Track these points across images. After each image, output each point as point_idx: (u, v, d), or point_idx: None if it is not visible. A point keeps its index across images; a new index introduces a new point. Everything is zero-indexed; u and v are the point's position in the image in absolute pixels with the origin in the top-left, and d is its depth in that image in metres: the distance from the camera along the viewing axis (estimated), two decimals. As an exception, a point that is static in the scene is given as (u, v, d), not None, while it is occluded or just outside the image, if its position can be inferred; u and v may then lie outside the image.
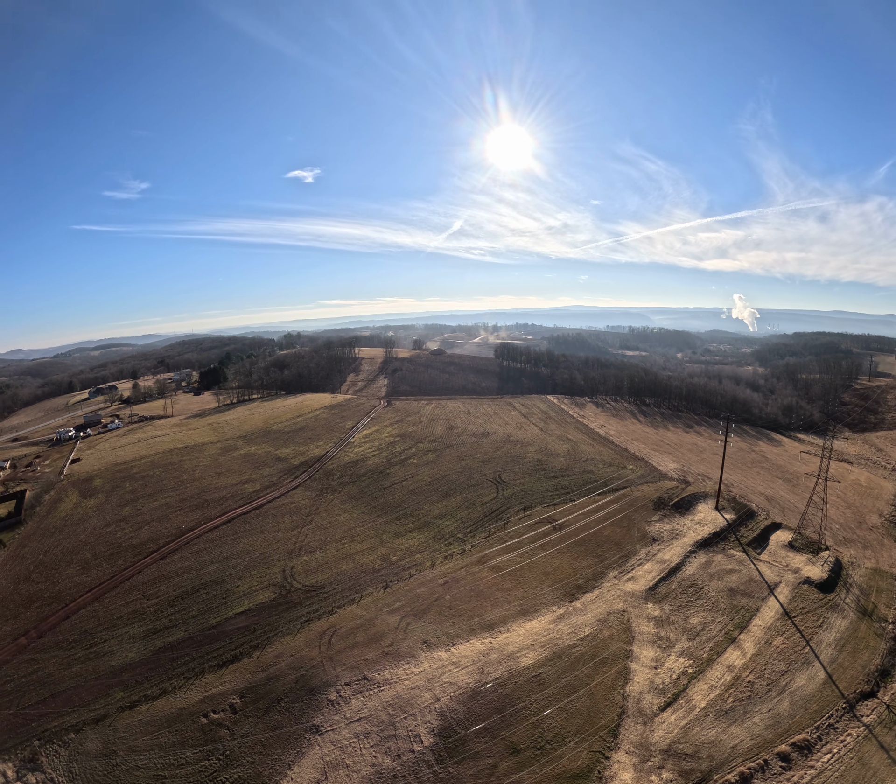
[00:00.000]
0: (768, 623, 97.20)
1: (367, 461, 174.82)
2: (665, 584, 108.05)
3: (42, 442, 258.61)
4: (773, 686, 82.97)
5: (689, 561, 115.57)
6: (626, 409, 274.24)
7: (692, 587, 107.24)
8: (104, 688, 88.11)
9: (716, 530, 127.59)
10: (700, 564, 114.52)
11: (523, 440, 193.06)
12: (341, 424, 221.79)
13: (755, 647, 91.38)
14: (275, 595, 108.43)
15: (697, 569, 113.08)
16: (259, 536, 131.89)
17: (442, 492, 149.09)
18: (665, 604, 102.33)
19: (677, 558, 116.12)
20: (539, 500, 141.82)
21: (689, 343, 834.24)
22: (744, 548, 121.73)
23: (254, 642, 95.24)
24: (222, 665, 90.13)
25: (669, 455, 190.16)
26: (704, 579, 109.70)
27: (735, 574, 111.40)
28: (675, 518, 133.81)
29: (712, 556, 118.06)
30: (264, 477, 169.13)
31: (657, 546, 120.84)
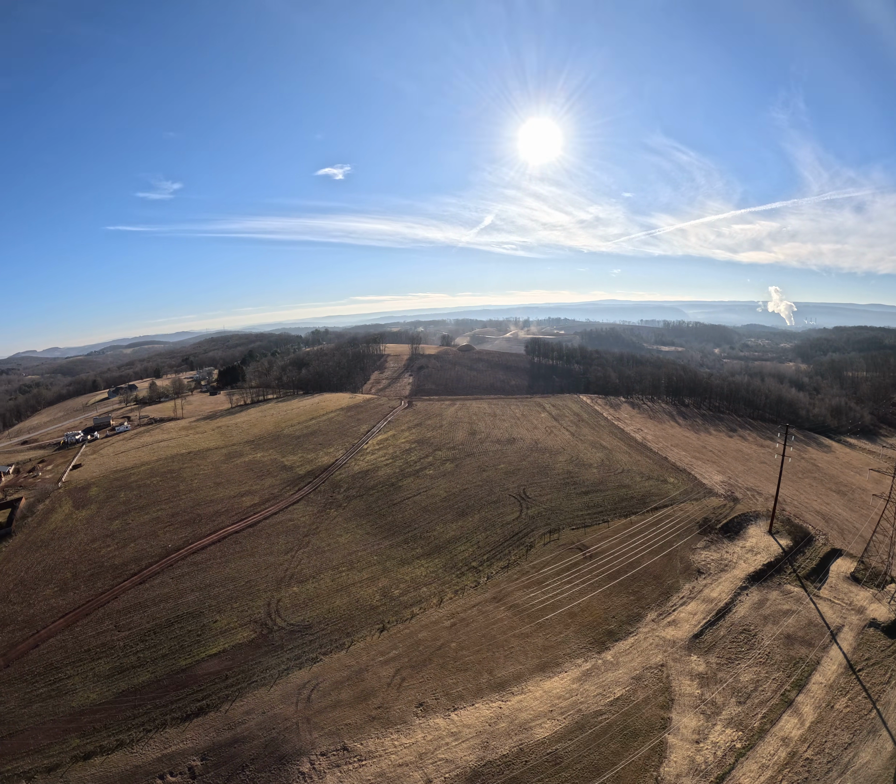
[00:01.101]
0: (830, 679, 79.80)
1: (379, 471, 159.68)
2: (712, 629, 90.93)
3: (50, 445, 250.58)
4: (835, 764, 65.77)
5: (739, 600, 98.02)
6: (664, 411, 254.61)
7: (744, 634, 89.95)
8: (61, 732, 76.76)
9: (770, 560, 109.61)
10: (753, 604, 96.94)
11: (552, 447, 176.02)
12: (356, 428, 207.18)
13: (815, 712, 74.14)
14: (255, 635, 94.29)
15: (750, 610, 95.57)
16: (248, 560, 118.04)
17: (458, 509, 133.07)
18: (712, 656, 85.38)
19: (726, 596, 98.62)
20: (567, 521, 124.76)
21: (726, 338, 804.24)
22: (802, 582, 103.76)
23: (223, 693, 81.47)
24: (186, 718, 76.95)
25: (713, 464, 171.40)
26: (758, 623, 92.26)
27: (793, 616, 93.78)
28: (723, 544, 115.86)
29: (766, 593, 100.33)
30: (265, 488, 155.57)
31: (703, 580, 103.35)
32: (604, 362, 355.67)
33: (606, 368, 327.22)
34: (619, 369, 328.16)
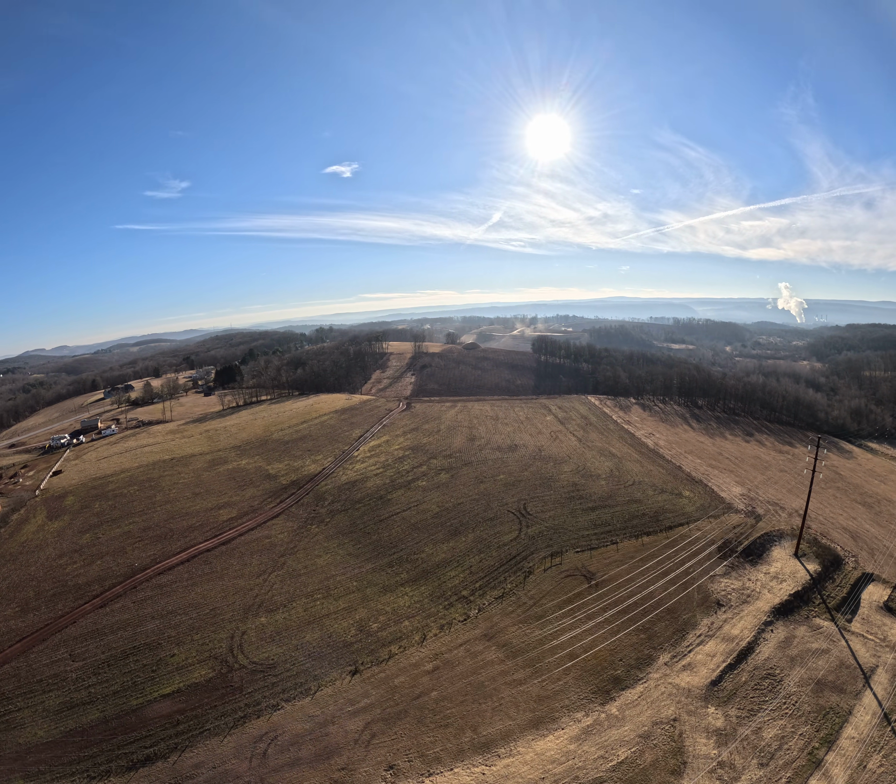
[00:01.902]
0: (863, 733, 68.12)
1: (368, 482, 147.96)
2: (732, 674, 79.15)
3: (36, 449, 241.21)
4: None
5: (763, 638, 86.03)
6: (677, 413, 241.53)
7: (768, 679, 78.13)
8: (6, 771, 69.07)
9: (797, 589, 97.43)
10: (778, 643, 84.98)
11: (557, 456, 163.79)
12: (348, 433, 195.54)
13: (846, 773, 62.62)
14: (213, 673, 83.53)
15: (775, 650, 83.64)
16: (216, 584, 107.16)
17: (450, 527, 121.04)
18: (731, 707, 73.68)
19: (749, 634, 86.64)
20: (572, 542, 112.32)
21: (738, 335, 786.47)
22: (832, 615, 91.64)
23: (173, 741, 71.51)
24: (132, 767, 67.62)
25: (731, 474, 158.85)
26: (784, 666, 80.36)
27: (822, 657, 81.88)
28: (745, 570, 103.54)
29: (793, 628, 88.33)
30: (245, 500, 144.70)
31: (723, 614, 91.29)
32: (613, 361, 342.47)
33: (616, 368, 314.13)
34: (629, 369, 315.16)
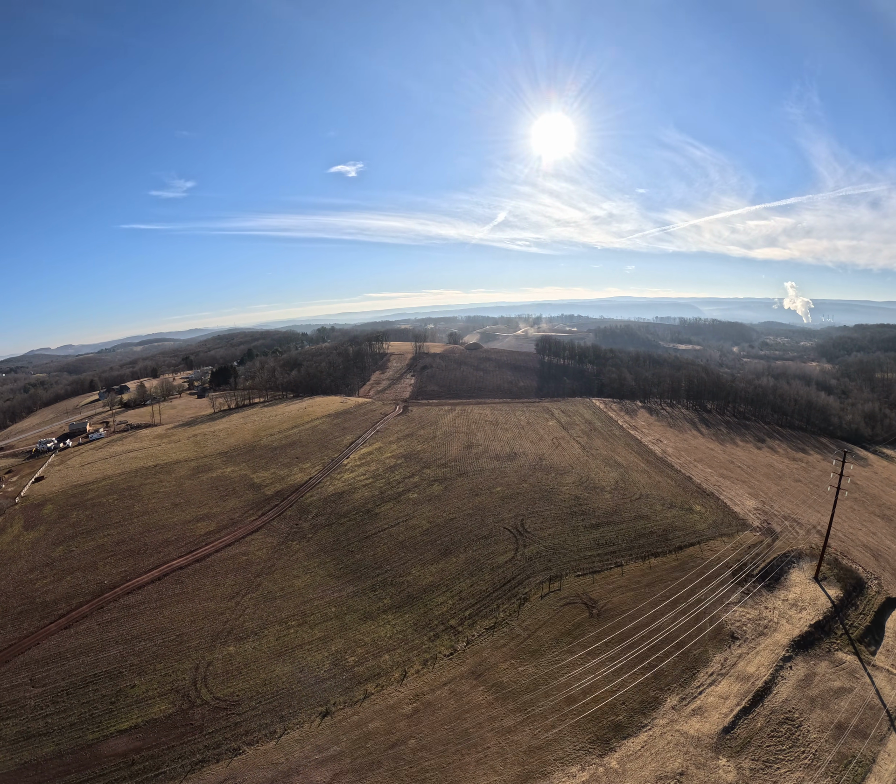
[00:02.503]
0: None
1: (355, 494, 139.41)
2: (747, 719, 70.75)
3: (23, 453, 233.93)
4: None
5: (781, 676, 77.51)
6: (685, 417, 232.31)
7: (786, 724, 69.74)
8: None
9: (818, 618, 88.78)
10: (798, 682, 76.47)
11: (559, 465, 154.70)
12: (339, 439, 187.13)
13: None
14: (173, 709, 75.80)
15: (794, 690, 75.14)
16: (186, 606, 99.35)
17: (441, 546, 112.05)
18: (745, 757, 65.32)
19: (766, 672, 78.06)
20: (572, 565, 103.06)
21: (745, 336, 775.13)
22: (855, 647, 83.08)
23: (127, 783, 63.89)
24: None
25: (743, 484, 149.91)
26: (803, 709, 71.92)
27: (845, 697, 73.47)
28: (761, 598, 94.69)
29: (814, 664, 79.76)
30: (226, 511, 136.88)
31: (737, 649, 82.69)
32: (618, 362, 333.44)
33: (621, 369, 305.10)
34: (635, 370, 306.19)
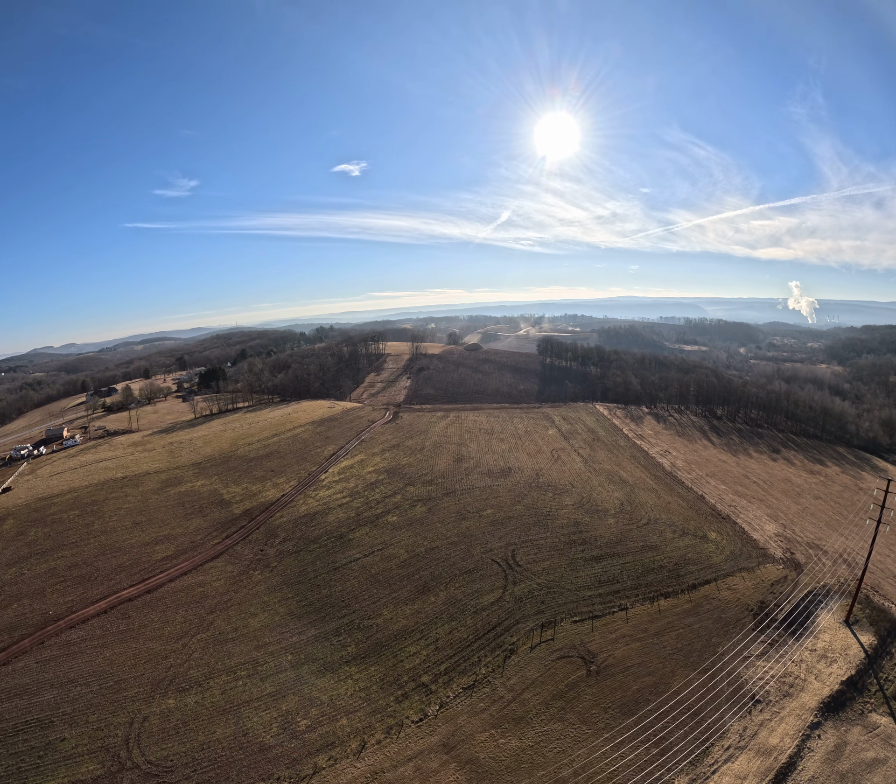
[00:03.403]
0: None
1: (329, 515, 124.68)
2: (780, 814, 56.55)
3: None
4: None
5: (808, 747, 63.09)
6: (694, 425, 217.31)
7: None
8: None
9: (850, 674, 74.24)
10: (826, 754, 62.08)
11: (558, 483, 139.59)
12: (319, 450, 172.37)
13: None
14: (101, 771, 62.63)
15: (822, 764, 60.86)
16: (129, 646, 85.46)
17: (418, 582, 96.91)
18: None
19: (791, 743, 63.50)
20: (569, 608, 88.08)
21: (751, 336, 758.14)
22: (890, 706, 69.02)
23: None
24: None
25: (761, 504, 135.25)
26: (838, 791, 57.91)
27: (878, 770, 59.74)
28: (786, 647, 79.84)
29: (845, 731, 65.30)
30: (188, 533, 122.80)
31: (759, 714, 67.96)
32: (623, 365, 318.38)
33: (626, 372, 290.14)
34: (641, 373, 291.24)
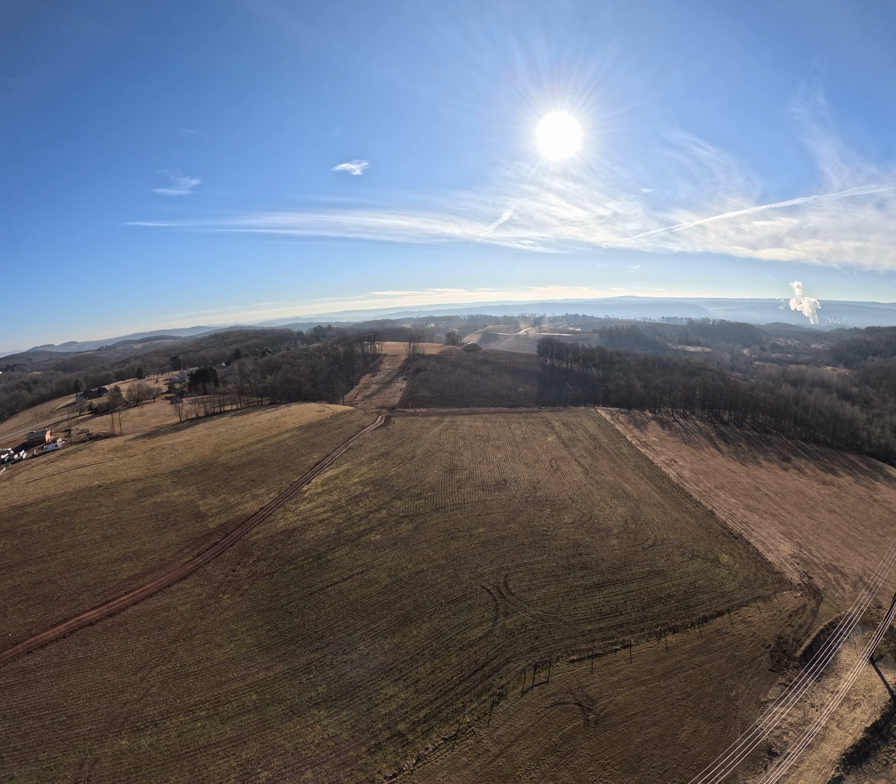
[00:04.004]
0: None
1: (308, 532, 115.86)
2: None
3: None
4: None
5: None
6: (700, 431, 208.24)
7: None
8: None
9: (875, 719, 66.00)
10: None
11: (557, 497, 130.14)
12: (304, 458, 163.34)
13: None
14: None
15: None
16: (86, 677, 77.52)
17: (400, 612, 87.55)
18: None
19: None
20: (566, 644, 78.94)
21: (754, 337, 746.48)
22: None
23: None
24: None
25: (774, 519, 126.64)
26: None
27: None
28: (806, 689, 71.31)
29: (882, 792, 57.06)
30: (158, 549, 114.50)
31: (776, 770, 59.42)
32: (626, 367, 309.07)
33: (629, 375, 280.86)
34: (644, 376, 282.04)
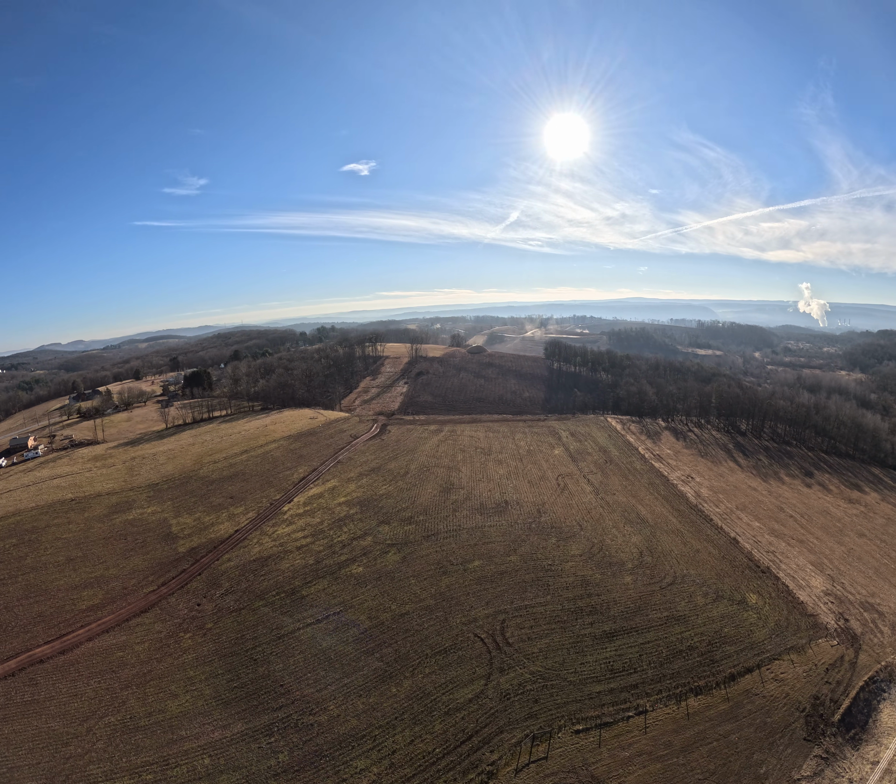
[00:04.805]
0: None
1: (283, 561, 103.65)
2: None
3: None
4: None
5: None
6: (717, 443, 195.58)
7: None
8: None
9: None
10: None
11: (563, 523, 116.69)
12: (289, 472, 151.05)
13: None
14: None
15: None
16: (30, 724, 66.88)
17: (379, 663, 75.18)
18: None
19: None
20: (570, 709, 66.53)
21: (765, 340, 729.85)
22: None
23: None
24: None
25: (802, 546, 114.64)
26: None
27: None
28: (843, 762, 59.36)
29: None
30: (123, 575, 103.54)
31: None
32: (637, 372, 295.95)
33: (641, 381, 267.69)
34: (656, 381, 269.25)
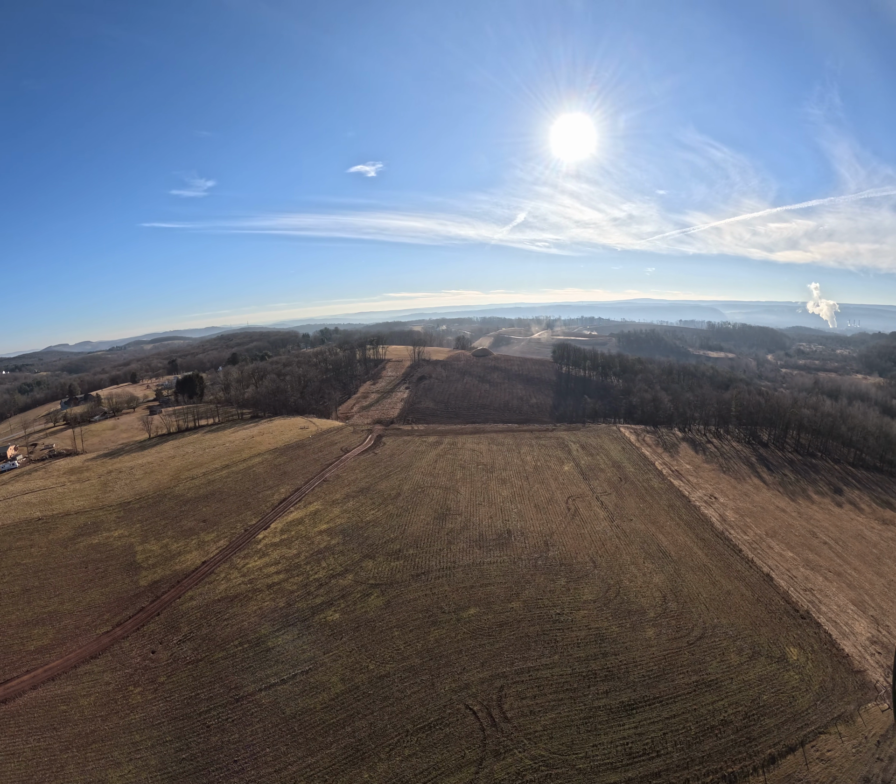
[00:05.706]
0: None
1: (251, 603, 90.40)
2: None
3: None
4: None
5: None
6: (739, 456, 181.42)
7: None
8: None
9: None
10: None
11: (574, 558, 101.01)
12: (270, 492, 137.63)
13: None
14: None
15: None
16: None
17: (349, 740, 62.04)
18: None
19: None
20: None
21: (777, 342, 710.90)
22: None
23: None
24: None
25: (839, 580, 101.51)
26: None
27: None
28: None
29: None
30: (78, 610, 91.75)
31: None
32: (650, 377, 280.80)
33: (654, 387, 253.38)
34: (671, 387, 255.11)
